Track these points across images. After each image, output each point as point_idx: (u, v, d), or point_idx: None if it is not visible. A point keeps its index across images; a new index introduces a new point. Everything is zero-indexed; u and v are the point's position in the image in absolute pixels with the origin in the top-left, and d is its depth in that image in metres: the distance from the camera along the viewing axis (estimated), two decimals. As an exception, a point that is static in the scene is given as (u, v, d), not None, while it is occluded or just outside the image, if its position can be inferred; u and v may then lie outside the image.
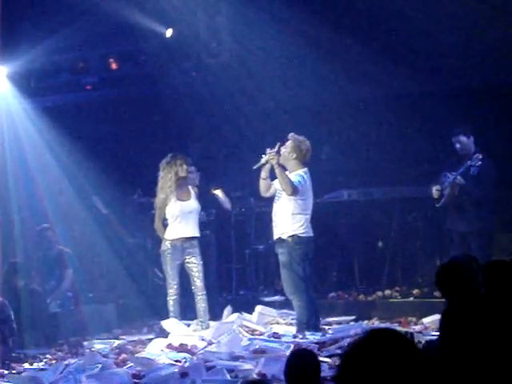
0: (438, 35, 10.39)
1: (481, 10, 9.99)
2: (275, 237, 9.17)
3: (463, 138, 9.66)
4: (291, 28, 10.96)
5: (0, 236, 11.52)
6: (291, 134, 9.15)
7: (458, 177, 9.50)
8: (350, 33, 10.69)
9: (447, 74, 10.78)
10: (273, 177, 9.17)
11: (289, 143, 9.12)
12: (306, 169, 9.13)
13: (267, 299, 10.80)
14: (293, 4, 10.86)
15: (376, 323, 9.52)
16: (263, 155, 9.10)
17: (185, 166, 9.47)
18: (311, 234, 9.06)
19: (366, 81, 11.14)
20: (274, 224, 9.20)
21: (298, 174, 9.00)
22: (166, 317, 9.47)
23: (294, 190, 8.85)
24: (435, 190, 9.68)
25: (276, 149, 9.03)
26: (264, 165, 9.12)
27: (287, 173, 9.03)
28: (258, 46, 11.43)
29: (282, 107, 11.96)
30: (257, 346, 8.28)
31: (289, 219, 9.00)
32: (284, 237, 9.01)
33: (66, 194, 11.96)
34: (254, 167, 9.19)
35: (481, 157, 9.40)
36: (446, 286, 5.63)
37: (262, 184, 9.25)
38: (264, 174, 9.16)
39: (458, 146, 9.69)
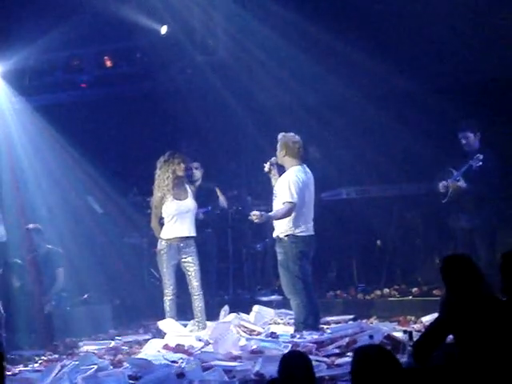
0: (441, 30, 10.34)
1: (486, 4, 9.93)
2: (274, 235, 9.11)
3: (470, 135, 9.63)
4: (287, 25, 10.91)
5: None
6: (280, 134, 9.08)
7: (461, 179, 9.50)
8: (349, 28, 10.63)
9: (446, 70, 10.73)
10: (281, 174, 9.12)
11: (278, 143, 9.06)
12: (300, 165, 9.01)
13: (265, 299, 10.75)
14: (289, 1, 10.79)
15: (375, 322, 9.45)
16: (264, 164, 9.09)
17: (182, 165, 9.39)
18: (310, 233, 8.96)
19: (365, 78, 11.09)
20: (274, 222, 9.14)
21: (292, 180, 8.84)
22: (163, 317, 9.40)
23: (290, 209, 8.79)
24: (442, 186, 9.65)
25: (268, 167, 9.09)
26: (269, 173, 9.12)
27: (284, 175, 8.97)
28: (253, 43, 11.37)
29: (278, 105, 11.91)
30: (254, 346, 8.21)
31: (285, 218, 8.92)
32: (281, 236, 8.95)
33: (61, 192, 11.89)
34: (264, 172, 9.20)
35: (481, 157, 9.40)
36: (451, 276, 5.68)
37: None
38: (274, 181, 9.12)
39: (463, 141, 9.68)
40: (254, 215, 8.86)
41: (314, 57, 11.07)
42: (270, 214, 8.96)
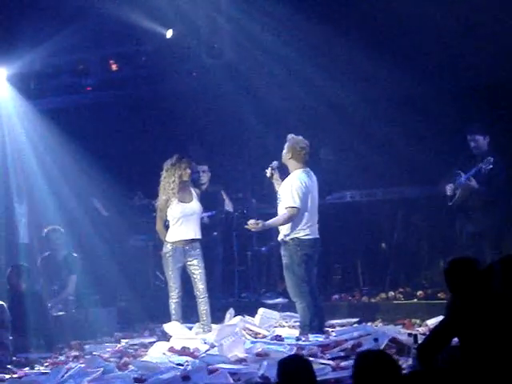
0: (446, 32, 10.32)
1: (491, 7, 9.93)
2: (278, 238, 9.12)
3: (479, 137, 9.59)
4: (292, 28, 10.90)
5: (4, 239, 11.50)
6: (289, 135, 9.09)
7: (472, 180, 9.45)
8: (354, 31, 10.62)
9: (451, 72, 10.71)
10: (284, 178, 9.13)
11: (286, 144, 9.07)
12: (304, 169, 9.01)
13: (270, 302, 10.74)
14: (293, 4, 10.80)
15: (379, 325, 9.45)
16: (266, 170, 9.12)
17: (189, 170, 9.42)
18: (315, 236, 8.96)
19: (369, 80, 11.07)
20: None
21: (295, 185, 8.85)
22: (168, 320, 9.41)
23: (293, 215, 8.79)
24: (450, 188, 9.62)
25: (269, 172, 9.12)
26: (271, 178, 9.12)
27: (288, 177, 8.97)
28: (259, 46, 11.36)
29: (283, 108, 11.89)
30: (259, 349, 8.21)
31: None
32: (286, 239, 8.96)
33: (66, 195, 11.91)
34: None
35: (492, 160, 9.33)
36: (456, 278, 5.69)
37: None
38: (277, 186, 9.13)
39: (472, 144, 9.63)
40: (251, 224, 8.87)
41: (319, 60, 11.06)
42: (268, 221, 8.96)
